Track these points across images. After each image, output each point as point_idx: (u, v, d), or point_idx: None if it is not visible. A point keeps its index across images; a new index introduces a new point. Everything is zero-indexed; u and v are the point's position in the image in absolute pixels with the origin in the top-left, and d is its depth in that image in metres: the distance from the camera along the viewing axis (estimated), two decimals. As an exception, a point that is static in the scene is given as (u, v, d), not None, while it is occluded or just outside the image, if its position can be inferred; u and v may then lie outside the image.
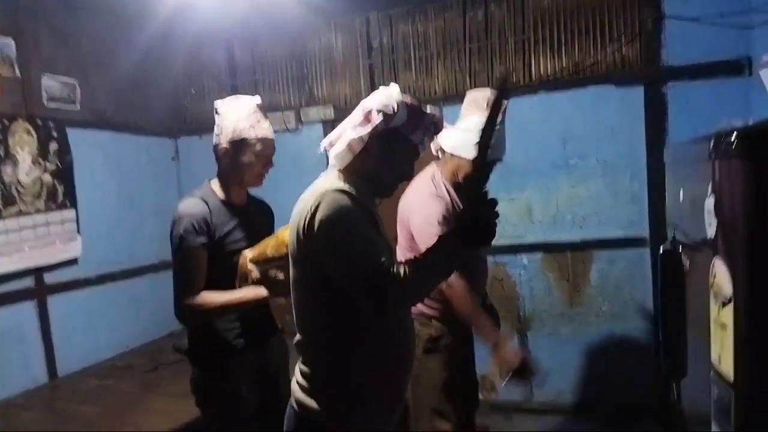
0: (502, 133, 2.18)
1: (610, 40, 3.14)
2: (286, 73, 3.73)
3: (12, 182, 2.82)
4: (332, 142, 1.43)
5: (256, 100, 1.84)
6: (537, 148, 3.23)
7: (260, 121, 1.80)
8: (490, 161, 2.19)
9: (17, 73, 2.91)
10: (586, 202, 3.24)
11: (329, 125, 3.59)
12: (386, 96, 1.37)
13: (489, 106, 1.24)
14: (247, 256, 1.73)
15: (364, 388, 1.37)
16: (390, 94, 1.38)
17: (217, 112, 1.84)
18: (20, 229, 2.85)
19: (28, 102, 2.95)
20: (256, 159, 1.78)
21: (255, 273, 1.70)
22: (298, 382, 1.42)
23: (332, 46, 3.64)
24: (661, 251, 1.73)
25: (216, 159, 1.85)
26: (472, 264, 2.05)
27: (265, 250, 1.70)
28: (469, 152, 2.07)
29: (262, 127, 1.79)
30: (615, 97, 3.14)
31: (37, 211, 2.94)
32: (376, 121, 1.34)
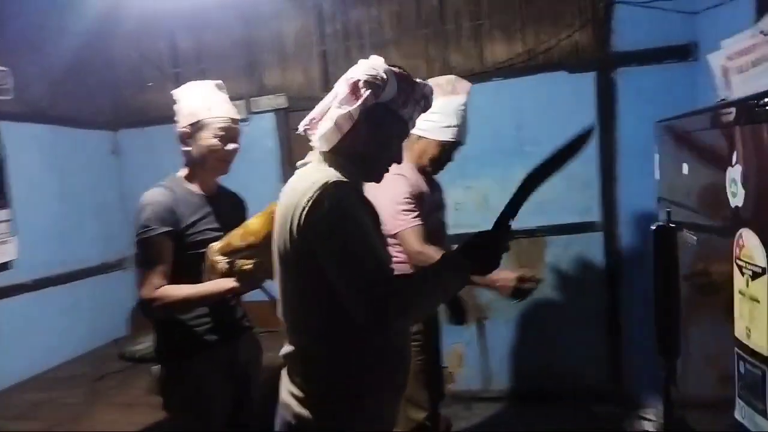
0: (465, 116, 2.17)
1: (563, 27, 3.15)
2: (234, 62, 3.57)
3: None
4: (314, 120, 1.31)
5: (215, 82, 1.79)
6: (492, 136, 3.21)
7: (218, 102, 1.74)
8: (453, 143, 2.20)
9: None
10: (540, 188, 3.23)
11: (282, 115, 3.47)
12: (372, 66, 1.25)
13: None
14: (214, 248, 1.66)
15: (369, 394, 1.27)
16: (376, 64, 1.26)
17: (175, 101, 1.78)
18: (-55, 233, 2.62)
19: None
20: (218, 140, 1.72)
21: (222, 264, 1.62)
22: (293, 395, 1.28)
23: (283, 32, 3.50)
24: (654, 228, 1.70)
25: (181, 149, 1.79)
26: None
27: (232, 240, 1.63)
28: (436, 135, 2.11)
29: (221, 106, 1.74)
30: (567, 83, 3.16)
31: (-36, 213, 2.71)
32: (365, 94, 1.21)
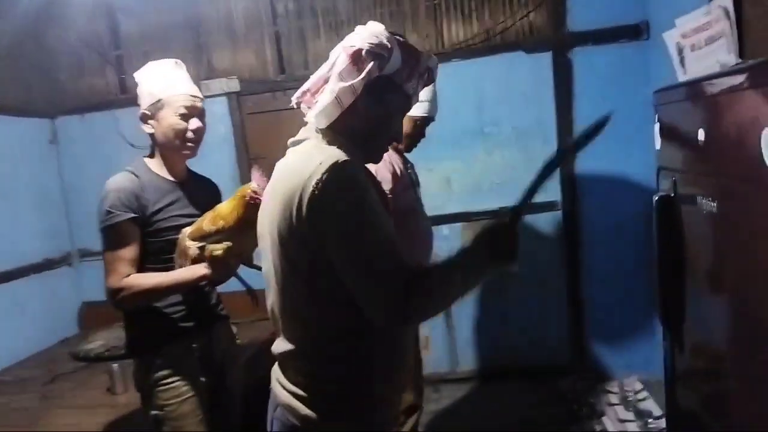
0: (435, 91, 2.13)
1: (518, 6, 3.14)
2: (180, 43, 3.38)
3: None
4: (308, 92, 1.19)
5: (174, 60, 1.72)
6: (453, 117, 3.18)
7: (179, 79, 1.68)
8: (425, 118, 2.16)
9: None
10: (502, 169, 3.26)
11: (234, 99, 3.32)
12: (374, 33, 1.12)
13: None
14: (185, 232, 1.59)
15: (377, 389, 1.19)
16: (377, 30, 1.14)
17: (136, 83, 1.70)
18: None
19: None
20: (181, 119, 1.64)
21: (193, 250, 1.55)
22: (296, 395, 1.17)
23: (231, 12, 3.34)
24: (657, 198, 1.70)
25: (145, 132, 1.70)
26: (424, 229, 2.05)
27: (202, 225, 1.56)
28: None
29: (181, 85, 1.67)
30: (525, 63, 3.16)
31: None
32: (368, 66, 1.09)
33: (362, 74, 1.09)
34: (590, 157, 3.14)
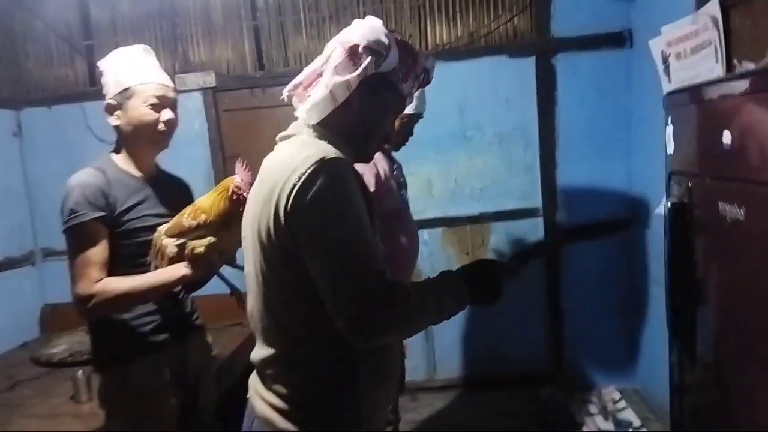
0: (423, 89, 2.08)
1: (502, 10, 3.12)
2: (153, 34, 3.26)
3: None
4: (299, 85, 1.14)
5: (143, 46, 1.62)
6: (435, 120, 3.12)
7: (148, 66, 1.58)
8: (413, 116, 2.11)
9: None
10: (483, 174, 3.23)
11: (210, 94, 3.22)
12: (372, 29, 1.09)
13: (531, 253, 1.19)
14: (161, 230, 1.48)
15: (362, 400, 1.12)
16: (374, 26, 1.10)
17: (101, 72, 1.60)
18: None
19: None
20: (151, 109, 1.53)
21: (171, 248, 1.43)
22: (275, 407, 1.10)
23: (209, 3, 3.23)
24: (670, 204, 1.64)
25: (111, 124, 1.59)
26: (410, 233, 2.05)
27: (181, 220, 1.45)
28: None
29: (151, 72, 1.57)
30: (509, 67, 3.14)
31: None
32: (365, 62, 1.06)
33: (358, 70, 1.07)
34: (572, 164, 3.13)
